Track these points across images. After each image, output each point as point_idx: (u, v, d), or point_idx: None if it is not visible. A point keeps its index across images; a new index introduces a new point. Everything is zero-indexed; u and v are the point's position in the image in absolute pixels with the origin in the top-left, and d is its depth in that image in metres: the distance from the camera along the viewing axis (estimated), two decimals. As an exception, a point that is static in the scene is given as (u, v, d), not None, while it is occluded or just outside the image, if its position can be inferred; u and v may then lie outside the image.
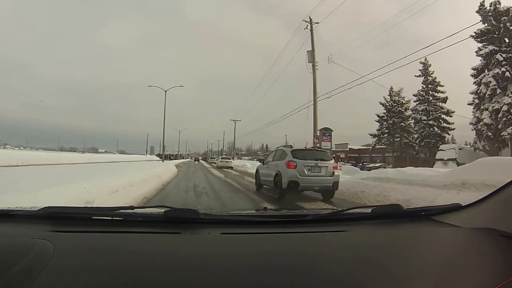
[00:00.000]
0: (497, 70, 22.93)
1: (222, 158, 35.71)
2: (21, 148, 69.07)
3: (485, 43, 23.95)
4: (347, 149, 49.75)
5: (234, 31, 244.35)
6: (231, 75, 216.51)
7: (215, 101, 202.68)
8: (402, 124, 34.59)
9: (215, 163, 39.44)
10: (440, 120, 32.33)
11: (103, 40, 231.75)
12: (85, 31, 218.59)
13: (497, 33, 23.30)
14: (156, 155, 69.61)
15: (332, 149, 16.23)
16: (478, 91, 24.34)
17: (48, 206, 1.15)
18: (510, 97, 22.41)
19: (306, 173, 7.44)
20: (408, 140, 34.09)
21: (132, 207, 1.35)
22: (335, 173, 7.81)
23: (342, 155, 46.07)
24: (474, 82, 25.13)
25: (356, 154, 48.17)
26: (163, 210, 1.13)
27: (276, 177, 7.92)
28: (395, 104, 35.42)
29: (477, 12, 23.76)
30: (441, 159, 25.14)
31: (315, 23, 17.70)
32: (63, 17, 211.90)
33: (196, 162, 57.30)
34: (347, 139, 49.49)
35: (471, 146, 27.23)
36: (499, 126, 22.43)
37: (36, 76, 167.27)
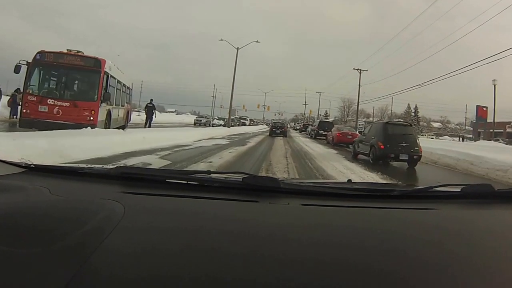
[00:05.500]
0: None
1: None
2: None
3: None
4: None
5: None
6: (330, 31, 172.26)
7: (311, 62, 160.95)
8: None
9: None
10: None
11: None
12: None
13: None
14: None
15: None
16: None
17: (120, 166, 1.19)
18: None
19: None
20: None
21: (209, 172, 1.26)
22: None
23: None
24: None
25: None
26: (241, 177, 1.10)
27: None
28: None
29: None
30: None
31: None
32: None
33: (281, 136, 23.86)
34: None
35: None
36: None
37: (102, 20, 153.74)
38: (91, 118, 10.14)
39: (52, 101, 9.96)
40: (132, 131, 11.61)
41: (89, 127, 9.11)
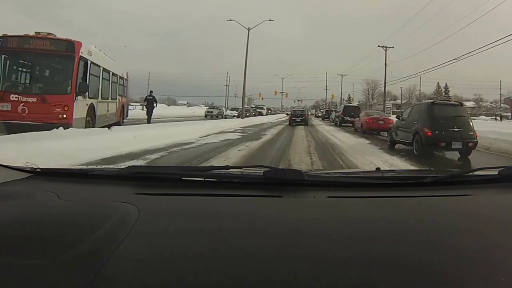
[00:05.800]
0: None
1: None
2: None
3: None
4: None
5: None
6: (350, 8, 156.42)
7: (331, 43, 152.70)
8: None
9: None
10: None
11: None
12: None
13: None
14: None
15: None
16: None
17: (132, 166, 1.12)
18: None
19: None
20: None
21: (227, 167, 1.22)
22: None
23: None
24: None
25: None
26: (262, 171, 1.04)
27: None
28: None
29: None
30: None
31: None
32: None
33: (301, 125, 22.40)
34: None
35: None
36: None
37: (107, 9, 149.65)
38: (64, 116, 8.19)
39: (16, 97, 8.05)
40: (122, 129, 9.83)
41: (61, 127, 7.30)
